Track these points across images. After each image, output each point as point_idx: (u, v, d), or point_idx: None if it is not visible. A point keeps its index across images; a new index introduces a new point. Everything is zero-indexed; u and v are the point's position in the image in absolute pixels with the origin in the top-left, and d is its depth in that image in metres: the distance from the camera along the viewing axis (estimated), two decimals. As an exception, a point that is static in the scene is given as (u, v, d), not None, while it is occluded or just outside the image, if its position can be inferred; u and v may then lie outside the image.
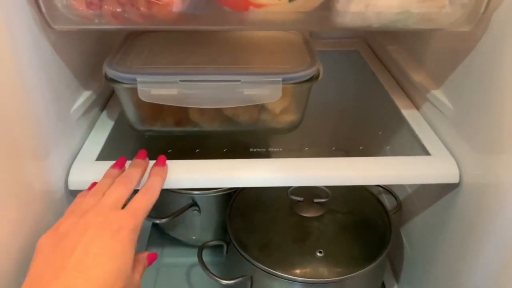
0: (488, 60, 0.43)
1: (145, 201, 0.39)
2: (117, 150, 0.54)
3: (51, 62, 0.45)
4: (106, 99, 0.61)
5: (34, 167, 0.42)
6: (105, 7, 0.40)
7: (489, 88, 0.43)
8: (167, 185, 0.45)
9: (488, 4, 0.40)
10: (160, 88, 0.48)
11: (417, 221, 0.62)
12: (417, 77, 0.59)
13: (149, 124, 0.55)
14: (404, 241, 0.66)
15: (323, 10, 0.41)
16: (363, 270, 0.54)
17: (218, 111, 0.53)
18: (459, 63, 0.49)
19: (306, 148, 0.64)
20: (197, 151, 0.56)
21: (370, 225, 0.61)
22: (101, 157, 0.50)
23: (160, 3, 0.40)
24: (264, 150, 0.60)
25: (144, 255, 0.41)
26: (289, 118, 0.53)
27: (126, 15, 0.41)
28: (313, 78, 0.50)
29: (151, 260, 0.41)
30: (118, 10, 0.41)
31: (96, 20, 0.42)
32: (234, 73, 0.48)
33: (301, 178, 0.48)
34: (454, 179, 0.48)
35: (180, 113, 0.54)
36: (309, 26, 0.43)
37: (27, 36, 0.40)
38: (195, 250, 0.61)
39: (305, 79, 0.49)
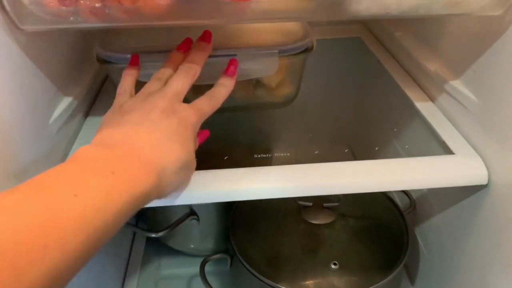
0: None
1: (209, 105, 0.39)
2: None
3: (22, 67, 0.39)
4: (90, 104, 0.55)
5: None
6: (82, 2, 0.34)
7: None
8: (160, 203, 0.40)
9: (523, -17, 0.35)
10: (156, 66, 0.43)
11: (435, 222, 0.57)
12: (432, 66, 0.53)
13: None
14: (420, 243, 0.62)
15: (335, -3, 0.36)
16: (382, 281, 0.49)
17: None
18: (485, 50, 0.43)
19: (316, 152, 0.59)
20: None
21: (385, 229, 0.56)
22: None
23: (146, -6, 0.34)
24: (269, 156, 0.54)
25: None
26: (285, 91, 0.53)
27: (107, 11, 0.35)
28: (307, 50, 0.49)
29: (203, 138, 0.42)
30: (97, 5, 0.35)
31: (71, 18, 0.35)
32: (230, 48, 0.46)
33: (314, 187, 0.43)
34: (483, 180, 0.44)
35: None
36: (317, 16, 0.37)
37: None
38: (195, 260, 0.56)
39: (300, 50, 0.48)
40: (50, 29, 0.37)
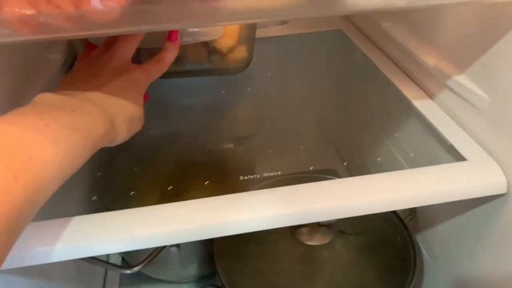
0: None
1: (156, 68, 0.41)
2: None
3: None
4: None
5: None
6: (7, 9, 0.26)
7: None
8: (126, 247, 0.34)
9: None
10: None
11: (440, 229, 0.52)
12: (430, 60, 0.48)
13: None
14: (424, 252, 0.56)
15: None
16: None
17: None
18: (493, 42, 0.38)
19: (311, 168, 0.53)
20: (169, 188, 0.44)
21: (388, 243, 0.51)
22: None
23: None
24: (257, 176, 0.48)
25: None
26: (237, 56, 0.53)
27: (42, 19, 0.27)
28: None
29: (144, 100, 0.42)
30: (28, 12, 0.27)
31: (-5, 31, 0.27)
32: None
33: (310, 213, 0.37)
34: (501, 189, 0.39)
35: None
36: (307, 12, 0.30)
37: None
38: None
39: None
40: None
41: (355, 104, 0.69)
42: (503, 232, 0.41)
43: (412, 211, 0.56)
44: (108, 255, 0.65)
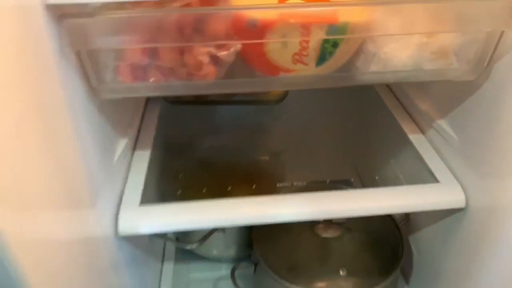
0: (490, 103, 0.49)
1: None
2: (155, 190, 0.59)
3: (96, 124, 0.49)
4: (135, 140, 0.65)
5: (88, 215, 0.46)
6: (150, 80, 0.45)
7: (494, 127, 0.48)
8: (198, 225, 0.51)
9: (490, 59, 0.46)
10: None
11: (425, 233, 0.68)
12: (422, 105, 0.64)
13: None
14: (413, 248, 0.73)
15: (344, 71, 0.46)
16: (382, 283, 0.60)
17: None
18: (463, 101, 0.54)
19: (330, 178, 0.70)
20: (229, 189, 0.62)
21: (384, 240, 0.67)
22: (144, 200, 0.55)
23: (200, 73, 0.44)
24: (289, 184, 0.65)
25: None
26: (277, 91, 0.68)
27: (168, 85, 0.46)
28: None
29: None
30: (162, 80, 0.45)
31: (141, 90, 0.46)
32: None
33: (325, 212, 0.54)
34: (461, 204, 0.55)
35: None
36: (329, 84, 0.47)
37: (78, 106, 0.43)
38: (220, 265, 0.66)
39: None
40: (122, 97, 0.48)
41: (367, 129, 0.85)
42: (464, 237, 0.56)
43: (406, 218, 0.72)
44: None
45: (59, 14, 0.36)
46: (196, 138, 0.72)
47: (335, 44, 0.43)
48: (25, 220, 0.32)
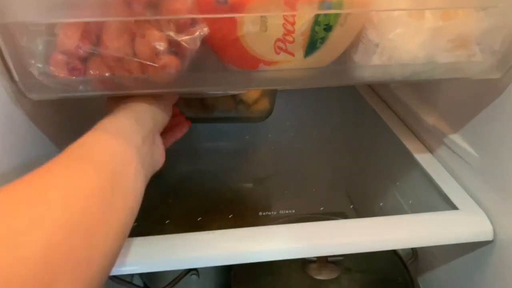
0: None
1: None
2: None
3: (26, 134, 0.39)
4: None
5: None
6: (91, 72, 0.35)
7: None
8: (160, 267, 0.40)
9: (521, 50, 0.37)
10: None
11: (438, 274, 0.57)
12: (429, 119, 0.55)
13: None
14: (424, 293, 0.61)
15: (339, 64, 0.37)
16: None
17: (202, 101, 0.60)
18: (482, 108, 0.45)
19: (321, 208, 0.59)
20: (199, 219, 0.50)
21: (389, 283, 0.56)
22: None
23: (156, 65, 0.34)
24: (274, 213, 0.54)
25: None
26: (261, 107, 0.61)
27: (115, 80, 0.36)
28: None
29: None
30: (107, 75, 0.35)
31: (80, 87, 0.36)
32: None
33: (320, 247, 0.43)
34: (488, 236, 0.44)
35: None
36: (322, 82, 0.38)
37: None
38: None
39: None
40: (58, 98, 0.37)
41: (364, 153, 0.75)
42: (491, 276, 0.46)
43: (414, 255, 0.61)
44: (132, 276, 0.71)
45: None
46: (166, 161, 0.62)
47: (328, 27, 0.33)
48: None
